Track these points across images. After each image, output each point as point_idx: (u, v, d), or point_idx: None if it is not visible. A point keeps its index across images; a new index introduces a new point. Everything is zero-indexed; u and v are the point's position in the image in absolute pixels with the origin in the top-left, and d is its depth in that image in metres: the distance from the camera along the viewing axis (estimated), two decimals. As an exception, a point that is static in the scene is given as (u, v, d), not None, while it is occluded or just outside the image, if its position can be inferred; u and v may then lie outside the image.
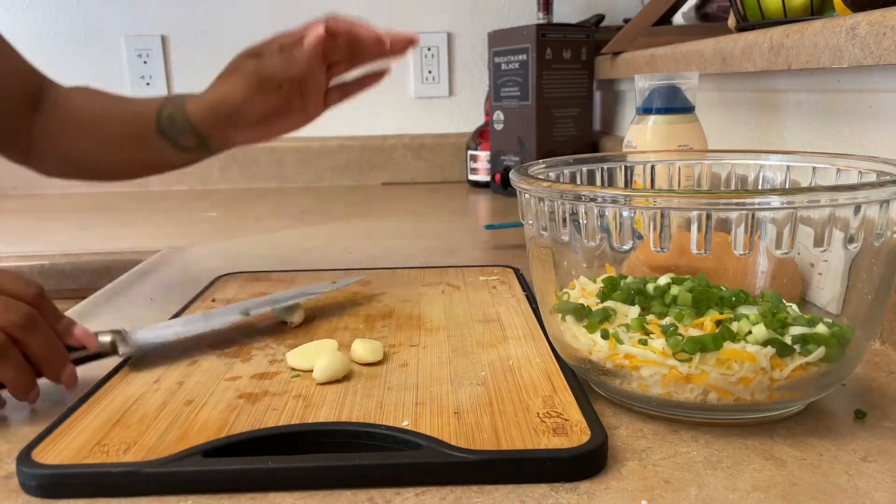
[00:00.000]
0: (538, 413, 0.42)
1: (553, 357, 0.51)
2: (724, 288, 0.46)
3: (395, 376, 0.49)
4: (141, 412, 0.44)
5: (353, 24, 0.64)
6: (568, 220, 0.44)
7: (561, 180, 0.54)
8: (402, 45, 0.65)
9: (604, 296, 0.48)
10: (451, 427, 0.41)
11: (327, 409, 0.44)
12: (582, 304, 0.47)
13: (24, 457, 0.38)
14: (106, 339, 0.51)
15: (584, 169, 0.55)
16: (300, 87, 0.65)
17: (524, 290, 0.69)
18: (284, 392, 0.47)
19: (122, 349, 0.51)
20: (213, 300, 0.68)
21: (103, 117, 0.72)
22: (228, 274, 0.78)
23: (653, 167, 0.58)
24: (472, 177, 1.50)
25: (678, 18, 1.23)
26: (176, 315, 0.64)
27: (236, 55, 0.66)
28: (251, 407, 0.45)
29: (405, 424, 0.41)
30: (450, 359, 0.52)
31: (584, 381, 0.49)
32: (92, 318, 0.68)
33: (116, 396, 0.47)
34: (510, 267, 0.77)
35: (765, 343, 0.40)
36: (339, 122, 1.61)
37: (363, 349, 0.51)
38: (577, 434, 0.39)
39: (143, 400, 0.46)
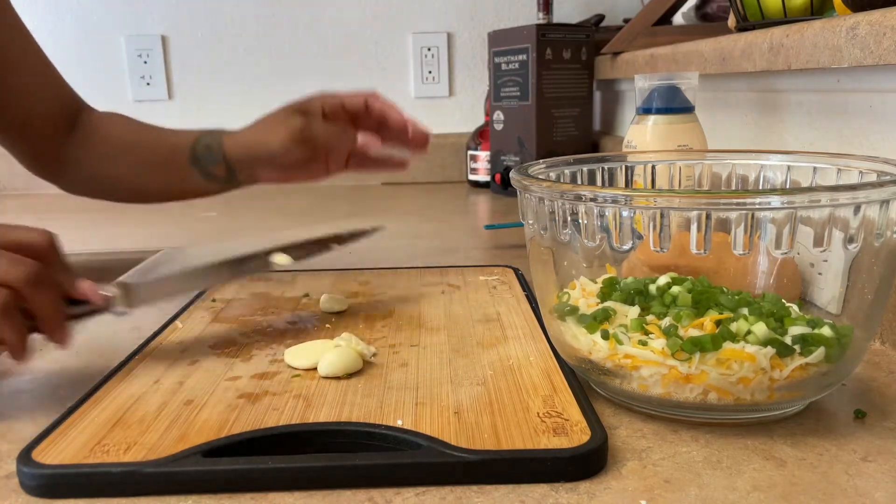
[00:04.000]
0: (538, 413, 0.42)
1: (553, 357, 0.51)
2: (725, 289, 0.46)
3: (395, 376, 0.49)
4: (141, 412, 0.44)
5: (389, 105, 0.72)
6: (568, 220, 0.44)
7: (562, 180, 0.54)
8: (421, 139, 0.73)
9: (604, 296, 0.48)
10: (451, 427, 0.41)
11: (327, 409, 0.44)
12: (576, 307, 0.47)
13: (25, 457, 0.38)
14: (111, 292, 0.51)
15: (585, 169, 0.55)
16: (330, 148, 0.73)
17: (524, 290, 0.68)
18: (285, 392, 0.47)
19: (119, 307, 0.52)
20: (214, 300, 0.68)
21: (140, 144, 0.77)
22: None
23: (653, 167, 0.58)
24: (472, 177, 1.50)
25: (678, 18, 1.23)
26: (175, 316, 0.64)
27: (283, 107, 0.72)
28: (251, 407, 0.45)
29: (399, 423, 0.41)
30: (450, 359, 0.52)
31: (584, 380, 0.49)
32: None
33: (117, 396, 0.46)
34: (510, 267, 0.77)
35: (765, 343, 0.40)
36: (339, 122, 1.61)
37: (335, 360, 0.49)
38: (578, 434, 0.39)
39: (144, 400, 0.46)
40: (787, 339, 0.41)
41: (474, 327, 0.59)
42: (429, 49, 1.58)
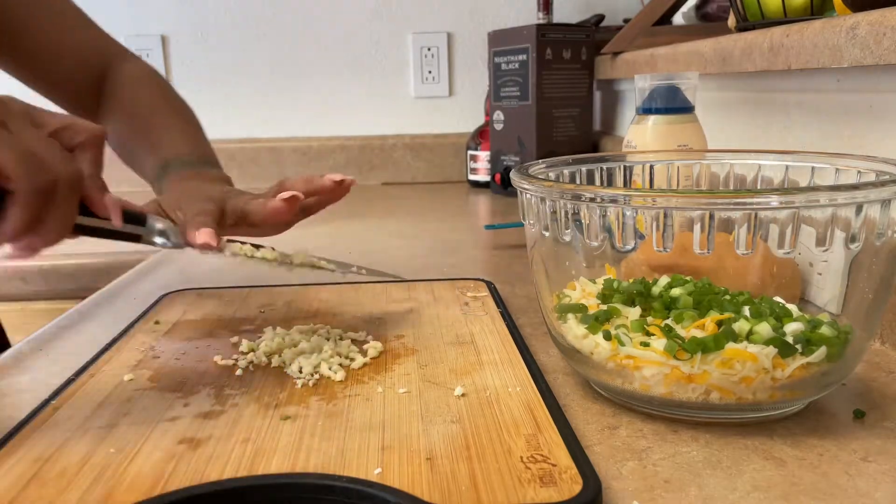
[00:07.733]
0: (522, 457, 0.38)
1: (533, 385, 0.47)
2: (727, 290, 0.46)
3: (358, 413, 0.44)
4: (62, 464, 0.39)
5: (309, 181, 0.66)
6: (570, 220, 0.44)
7: (561, 180, 0.54)
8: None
9: (604, 298, 0.48)
10: (423, 477, 0.36)
11: (280, 457, 0.39)
12: (583, 305, 0.47)
13: None
14: (155, 225, 0.49)
15: (584, 169, 0.55)
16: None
17: (499, 307, 0.63)
18: (231, 436, 0.41)
19: (158, 239, 0.49)
20: (157, 322, 0.62)
21: (135, 140, 0.77)
22: (174, 291, 0.71)
23: (652, 167, 0.58)
24: (472, 177, 1.50)
25: (678, 18, 1.23)
26: (113, 342, 0.58)
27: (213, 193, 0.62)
28: (192, 455, 0.39)
29: (377, 472, 0.37)
30: (420, 391, 0.47)
31: (584, 380, 0.49)
32: (92, 317, 0.68)
33: (36, 443, 0.41)
34: (482, 280, 0.72)
35: (767, 342, 0.40)
36: (339, 122, 1.61)
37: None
38: (568, 483, 0.35)
39: (67, 448, 0.40)
40: (788, 339, 0.41)
41: (446, 351, 0.54)
42: (429, 49, 1.58)
